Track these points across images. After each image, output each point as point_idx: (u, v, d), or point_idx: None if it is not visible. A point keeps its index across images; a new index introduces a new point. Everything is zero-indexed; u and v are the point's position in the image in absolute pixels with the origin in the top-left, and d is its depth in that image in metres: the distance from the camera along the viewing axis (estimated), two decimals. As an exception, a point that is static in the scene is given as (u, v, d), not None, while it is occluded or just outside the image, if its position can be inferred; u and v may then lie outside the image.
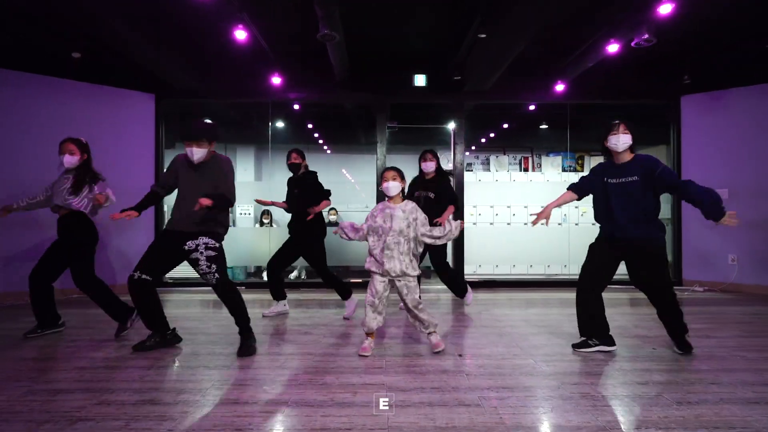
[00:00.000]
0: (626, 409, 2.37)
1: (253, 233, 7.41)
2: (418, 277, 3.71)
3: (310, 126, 8.86)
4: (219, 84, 6.58)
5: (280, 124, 8.27)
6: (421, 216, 3.35)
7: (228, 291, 3.35)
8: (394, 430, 2.13)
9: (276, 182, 8.36)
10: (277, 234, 7.22)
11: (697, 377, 2.84)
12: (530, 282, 7.01)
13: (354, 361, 3.17)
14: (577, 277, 3.53)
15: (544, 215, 3.48)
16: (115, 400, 2.48)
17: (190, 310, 5.12)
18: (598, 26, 5.02)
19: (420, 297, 3.46)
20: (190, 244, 3.25)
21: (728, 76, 6.23)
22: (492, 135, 9.22)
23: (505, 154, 9.29)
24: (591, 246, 3.50)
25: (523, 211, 8.79)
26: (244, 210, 8.91)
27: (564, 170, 9.21)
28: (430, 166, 4.88)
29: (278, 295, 4.73)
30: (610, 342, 3.38)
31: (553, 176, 8.89)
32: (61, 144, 3.91)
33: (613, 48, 4.85)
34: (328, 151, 10.05)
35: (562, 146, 8.14)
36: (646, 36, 4.41)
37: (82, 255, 3.79)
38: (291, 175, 4.96)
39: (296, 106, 7.21)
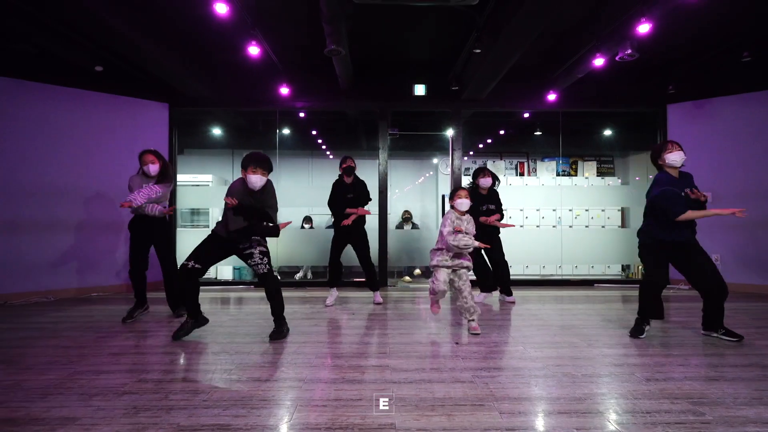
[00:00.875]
0: (601, 385, 2.71)
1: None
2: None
3: (314, 132, 9.23)
4: (229, 93, 6.94)
5: (286, 132, 8.63)
6: (471, 227, 4.13)
7: (272, 281, 3.86)
8: (399, 399, 2.47)
9: (282, 187, 8.73)
10: (282, 236, 7.56)
11: (667, 360, 3.18)
12: (525, 281, 7.35)
13: (361, 348, 3.51)
14: (572, 276, 3.91)
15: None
16: (152, 378, 2.82)
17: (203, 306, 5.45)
18: (586, 41, 5.40)
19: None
20: (245, 245, 3.80)
21: (710, 86, 6.60)
22: (489, 141, 9.59)
23: (501, 159, 9.65)
24: (650, 252, 3.80)
25: (519, 215, 9.15)
26: (250, 213, 9.24)
27: (558, 174, 9.58)
28: (487, 182, 5.43)
29: (334, 282, 5.47)
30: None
31: (548, 180, 9.27)
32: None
33: (599, 62, 5.22)
34: (331, 157, 10.41)
35: (556, 152, 8.50)
36: (629, 51, 4.76)
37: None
38: (338, 179, 5.52)
39: (302, 114, 7.57)
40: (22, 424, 2.20)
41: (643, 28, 4.27)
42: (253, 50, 4.99)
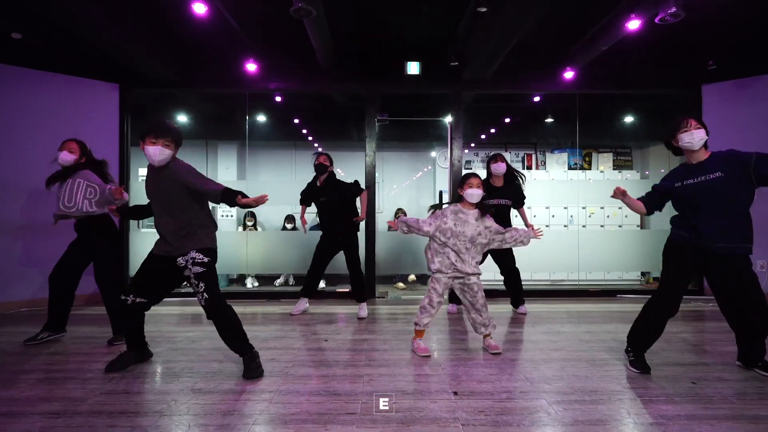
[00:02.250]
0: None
1: (235, 238, 6.77)
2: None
3: (297, 121, 8.22)
4: (191, 73, 5.94)
5: (261, 118, 7.63)
6: (494, 225, 3.47)
7: (217, 312, 2.89)
8: None
9: (260, 182, 7.73)
10: (261, 238, 6.59)
11: (759, 428, 2.20)
12: (535, 291, 6.36)
13: (321, 403, 2.53)
14: (586, 285, 3.12)
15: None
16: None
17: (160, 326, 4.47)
18: (613, 3, 4.37)
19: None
20: (180, 260, 2.89)
21: (758, 61, 5.57)
22: (493, 131, 8.57)
23: (507, 151, 8.65)
24: (670, 256, 3.08)
25: (527, 213, 8.16)
26: (226, 212, 8.29)
27: (570, 168, 8.58)
28: (501, 168, 4.72)
29: (308, 293, 4.86)
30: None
31: (558, 174, 8.26)
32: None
33: (634, 25, 4.21)
34: (319, 148, 9.42)
35: (569, 141, 7.51)
36: (674, 9, 3.78)
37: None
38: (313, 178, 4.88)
39: (278, 99, 6.57)
40: None
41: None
42: (199, 8, 4.00)
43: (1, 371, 3.07)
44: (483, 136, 8.71)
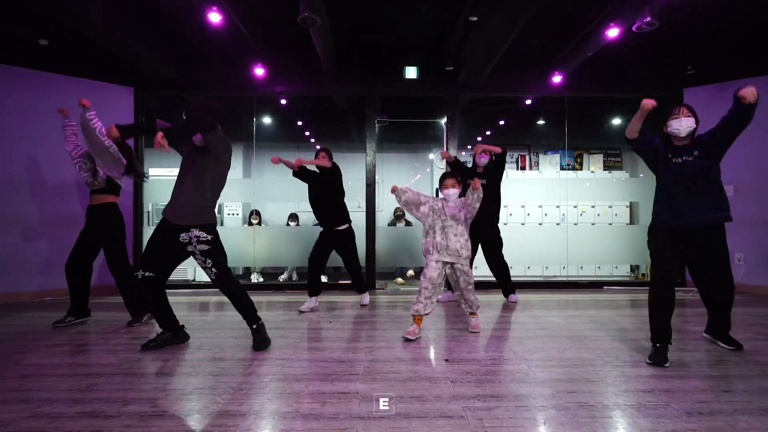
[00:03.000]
0: (630, 421, 2.08)
1: (239, 233, 7.12)
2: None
3: (300, 123, 8.58)
4: (201, 76, 6.30)
5: (267, 120, 7.99)
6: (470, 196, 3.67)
7: (227, 286, 3.23)
8: (361, 447, 1.85)
9: (265, 181, 8.09)
10: (267, 233, 6.93)
11: (707, 384, 2.55)
12: (527, 283, 6.71)
13: (328, 367, 2.87)
14: (579, 278, 3.32)
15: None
16: (49, 412, 2.18)
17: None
18: (599, 8, 4.74)
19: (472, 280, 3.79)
20: (183, 236, 3.12)
21: (736, 66, 5.93)
22: (488, 132, 8.93)
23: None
24: (654, 239, 3.17)
25: (520, 211, 8.53)
26: (232, 210, 8.63)
27: (562, 168, 8.94)
28: (484, 159, 5.08)
29: (314, 291, 4.82)
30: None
31: (551, 174, 8.62)
32: None
33: (613, 32, 4.58)
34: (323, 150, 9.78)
35: (560, 143, 7.86)
36: (649, 19, 4.14)
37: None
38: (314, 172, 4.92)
39: (283, 101, 6.93)
40: None
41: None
42: (215, 17, 4.36)
43: (39, 345, 3.41)
44: (479, 138, 9.06)
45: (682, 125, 3.02)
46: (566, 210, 8.46)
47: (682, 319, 4.33)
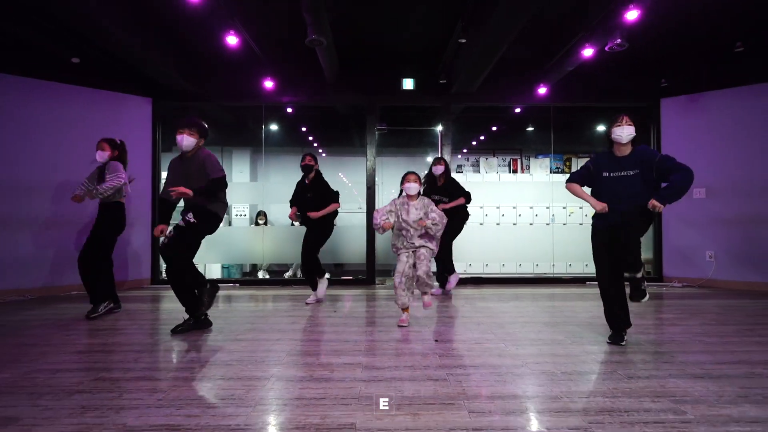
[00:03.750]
0: (580, 383, 2.58)
1: (248, 233, 7.62)
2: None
3: (304, 129, 9.09)
4: (213, 87, 6.81)
5: (273, 127, 8.50)
6: (436, 209, 4.10)
7: (171, 264, 3.60)
8: (363, 398, 2.34)
9: (271, 183, 8.61)
10: (274, 232, 7.43)
11: (653, 357, 3.05)
12: (516, 279, 7.21)
13: (335, 344, 3.38)
14: (564, 275, 3.73)
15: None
16: (110, 377, 2.68)
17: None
18: (575, 31, 5.26)
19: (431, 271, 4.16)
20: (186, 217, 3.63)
21: (704, 80, 6.46)
22: (482, 138, 9.45)
23: (494, 156, 9.51)
24: (594, 243, 3.54)
25: (512, 212, 9.01)
26: (239, 211, 9.13)
27: (552, 172, 9.43)
28: (439, 170, 5.56)
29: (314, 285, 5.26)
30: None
31: (541, 177, 9.10)
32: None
33: (588, 52, 5.09)
34: (323, 154, 10.29)
35: (549, 148, 8.36)
36: (619, 41, 4.63)
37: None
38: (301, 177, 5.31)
39: (289, 110, 7.44)
40: (-41, 425, 2.07)
41: (632, 14, 4.15)
42: (232, 40, 4.87)
43: (83, 329, 3.91)
44: (474, 143, 9.58)
45: (623, 132, 3.36)
46: (555, 211, 8.94)
47: (652, 309, 4.83)
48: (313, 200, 5.09)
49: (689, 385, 2.53)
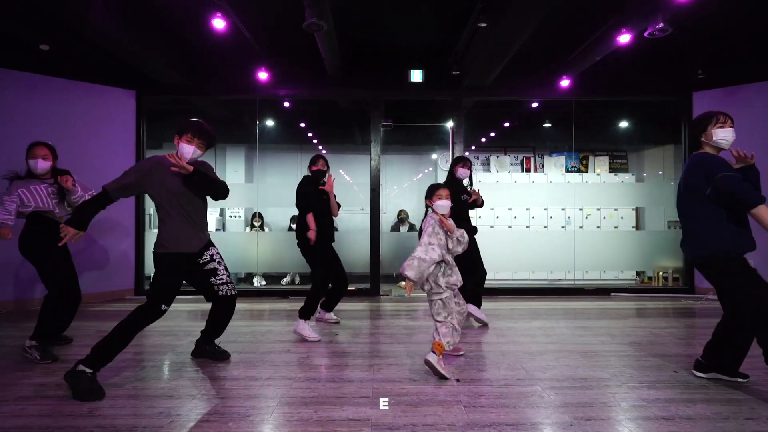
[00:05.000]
0: (653, 456, 2.01)
1: (241, 238, 7.05)
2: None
3: (303, 125, 8.48)
4: (204, 79, 6.21)
5: (269, 123, 7.90)
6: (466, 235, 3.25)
7: (234, 304, 3.29)
8: (376, 487, 1.77)
9: (267, 185, 8.00)
10: (267, 238, 6.85)
11: (729, 410, 2.47)
12: (533, 289, 6.64)
13: (338, 389, 2.80)
14: (582, 283, 3.15)
15: None
16: None
17: (182, 321, 4.74)
18: (609, 14, 4.64)
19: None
20: (205, 256, 3.11)
21: (745, 70, 5.84)
22: (492, 134, 8.83)
23: (506, 154, 8.92)
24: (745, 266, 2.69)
25: (525, 214, 8.43)
26: (234, 213, 8.55)
27: (568, 171, 8.84)
28: (464, 173, 4.46)
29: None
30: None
31: (556, 177, 8.53)
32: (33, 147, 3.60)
33: (624, 38, 4.48)
34: (324, 151, 9.68)
35: (566, 145, 7.78)
36: (661, 25, 4.04)
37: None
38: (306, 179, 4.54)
39: (286, 104, 6.84)
40: None
41: (684, -8, 3.55)
42: (219, 23, 4.27)
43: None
44: (483, 140, 8.97)
45: (731, 135, 2.74)
46: (572, 213, 8.36)
47: (692, 330, 4.26)
48: (327, 204, 4.39)
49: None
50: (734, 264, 2.66)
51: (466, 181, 4.49)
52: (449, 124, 6.50)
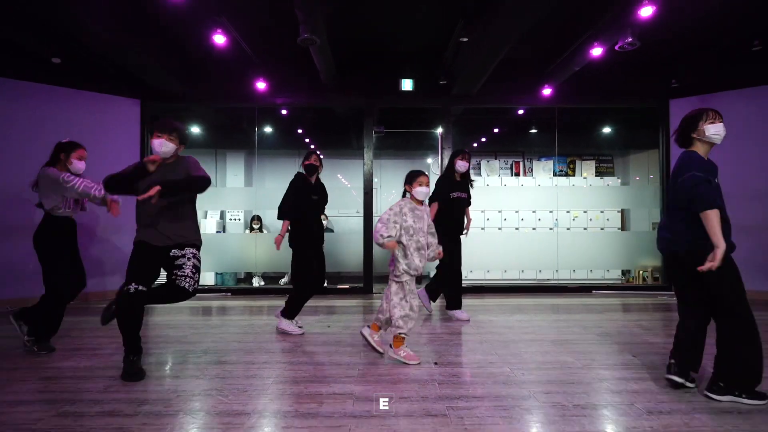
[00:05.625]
0: (594, 420, 2.32)
1: (241, 240, 7.37)
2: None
3: (300, 131, 8.82)
4: (204, 88, 6.54)
5: (268, 129, 8.23)
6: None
7: (184, 295, 3.13)
8: (353, 442, 2.08)
9: (266, 189, 8.33)
10: (266, 240, 7.17)
11: (669, 386, 2.78)
12: (520, 287, 6.95)
13: (326, 370, 3.11)
14: (569, 282, 3.38)
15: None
16: (74, 411, 2.42)
17: (182, 316, 5.05)
18: (583, 30, 4.99)
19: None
20: (176, 252, 3.09)
21: (716, 80, 6.18)
22: (483, 139, 9.18)
23: (496, 159, 9.25)
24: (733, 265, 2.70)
25: (515, 216, 8.74)
26: (233, 215, 8.87)
27: (555, 174, 9.17)
28: (464, 166, 4.73)
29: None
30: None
31: (544, 180, 8.85)
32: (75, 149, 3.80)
33: (597, 51, 4.82)
34: (321, 156, 10.02)
35: (552, 150, 8.10)
36: (630, 39, 4.37)
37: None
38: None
39: (284, 111, 7.17)
40: None
41: (646, 11, 3.89)
42: (219, 39, 4.61)
43: (57, 348, 3.64)
44: (475, 145, 9.31)
45: (722, 130, 2.81)
46: (559, 215, 8.68)
47: (665, 323, 4.58)
48: (319, 204, 4.43)
49: (717, 422, 2.27)
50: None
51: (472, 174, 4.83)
52: (439, 131, 6.83)
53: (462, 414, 2.38)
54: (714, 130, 2.82)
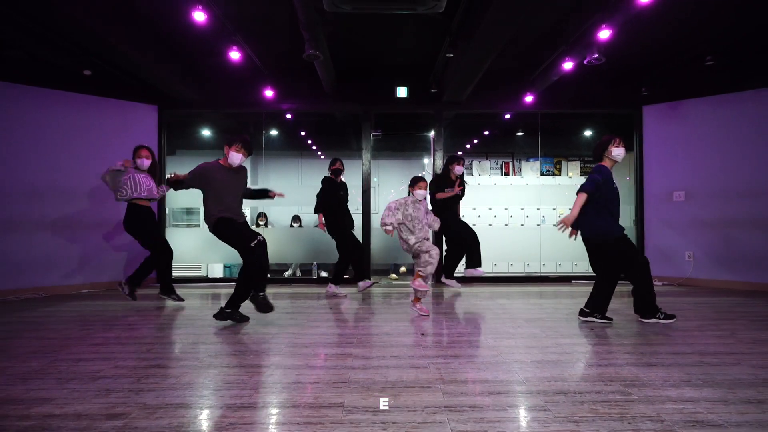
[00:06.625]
0: (545, 370, 2.90)
1: (249, 234, 7.97)
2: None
3: (303, 133, 9.43)
4: (216, 96, 7.14)
5: (274, 132, 8.83)
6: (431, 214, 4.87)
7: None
8: (352, 383, 2.67)
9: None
10: (274, 233, 7.76)
11: (616, 348, 3.37)
12: (507, 278, 7.55)
13: (330, 337, 3.71)
14: (551, 273, 4.36)
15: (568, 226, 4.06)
16: (127, 365, 3.01)
17: (191, 301, 5.64)
18: (558, 45, 5.59)
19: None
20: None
21: (683, 89, 6.79)
22: (475, 141, 9.79)
23: (487, 159, 9.84)
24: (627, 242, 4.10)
25: (504, 213, 9.34)
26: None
27: (543, 174, 9.76)
28: (460, 170, 5.96)
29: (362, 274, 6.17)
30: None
31: (532, 180, 9.44)
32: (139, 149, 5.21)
33: (568, 65, 5.42)
34: (322, 157, 10.61)
35: (537, 152, 8.69)
36: (596, 55, 4.96)
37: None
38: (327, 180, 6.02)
39: (289, 116, 7.77)
40: (1, 404, 2.39)
41: (604, 34, 4.48)
42: (234, 55, 5.20)
43: (98, 325, 4.23)
44: (467, 146, 9.92)
45: (621, 153, 4.04)
46: (546, 212, 9.26)
47: (628, 305, 5.18)
48: (345, 199, 5.98)
49: (641, 371, 2.86)
50: (623, 241, 4.02)
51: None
52: (431, 134, 7.42)
53: (440, 366, 2.97)
54: (616, 153, 4.02)
